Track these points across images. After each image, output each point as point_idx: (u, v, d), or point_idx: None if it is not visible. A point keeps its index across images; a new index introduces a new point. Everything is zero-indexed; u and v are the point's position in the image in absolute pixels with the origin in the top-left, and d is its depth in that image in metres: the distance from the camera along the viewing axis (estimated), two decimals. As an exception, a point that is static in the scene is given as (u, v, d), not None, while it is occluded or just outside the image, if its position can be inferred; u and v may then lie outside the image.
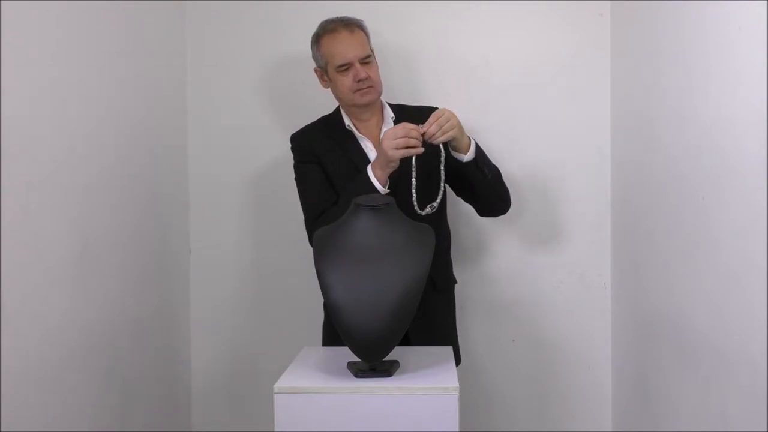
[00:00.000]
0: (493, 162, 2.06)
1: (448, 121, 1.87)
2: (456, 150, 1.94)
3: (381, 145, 1.88)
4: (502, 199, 2.10)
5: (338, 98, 2.12)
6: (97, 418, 1.93)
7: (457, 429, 1.56)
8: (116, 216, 2.04)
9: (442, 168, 1.89)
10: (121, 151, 2.08)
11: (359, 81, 2.03)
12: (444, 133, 1.86)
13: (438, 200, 1.87)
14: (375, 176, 1.92)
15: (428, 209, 1.86)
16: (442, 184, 1.89)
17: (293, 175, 2.13)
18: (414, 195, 1.86)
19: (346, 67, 2.04)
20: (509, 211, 2.14)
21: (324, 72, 2.11)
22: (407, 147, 1.84)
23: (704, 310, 1.78)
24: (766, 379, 1.48)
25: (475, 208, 2.15)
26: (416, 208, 1.86)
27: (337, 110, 2.15)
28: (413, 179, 1.87)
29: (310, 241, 1.98)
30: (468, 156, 1.94)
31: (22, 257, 1.61)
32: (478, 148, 1.97)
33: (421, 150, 1.86)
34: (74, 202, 1.83)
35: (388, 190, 1.93)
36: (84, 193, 1.87)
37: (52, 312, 1.73)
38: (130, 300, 2.13)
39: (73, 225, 1.82)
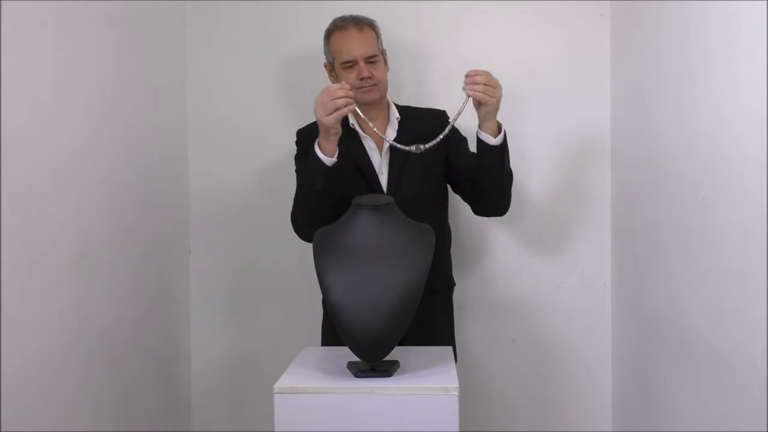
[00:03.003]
0: None
1: (494, 88, 1.81)
2: (483, 129, 1.89)
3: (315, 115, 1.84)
4: (505, 197, 2.07)
5: None
6: (97, 418, 1.93)
7: (457, 429, 1.56)
8: (116, 216, 2.04)
9: (447, 128, 1.82)
10: (121, 152, 2.08)
11: (362, 79, 2.03)
12: (483, 93, 1.79)
13: (429, 144, 1.79)
14: (321, 149, 1.86)
15: (413, 147, 1.79)
16: (441, 137, 1.82)
17: (293, 175, 2.13)
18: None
19: (350, 65, 2.04)
20: (508, 211, 2.12)
21: (332, 68, 2.12)
22: (337, 109, 1.79)
23: (704, 310, 1.77)
24: (766, 380, 1.48)
25: (473, 205, 2.12)
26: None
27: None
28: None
29: (295, 228, 2.02)
30: (497, 140, 1.89)
31: (22, 258, 1.61)
32: (505, 135, 1.93)
33: (353, 105, 1.81)
34: (74, 203, 1.82)
35: (335, 160, 1.87)
36: (84, 194, 1.87)
37: (52, 312, 1.73)
38: (130, 300, 2.13)
39: (73, 225, 1.82)
